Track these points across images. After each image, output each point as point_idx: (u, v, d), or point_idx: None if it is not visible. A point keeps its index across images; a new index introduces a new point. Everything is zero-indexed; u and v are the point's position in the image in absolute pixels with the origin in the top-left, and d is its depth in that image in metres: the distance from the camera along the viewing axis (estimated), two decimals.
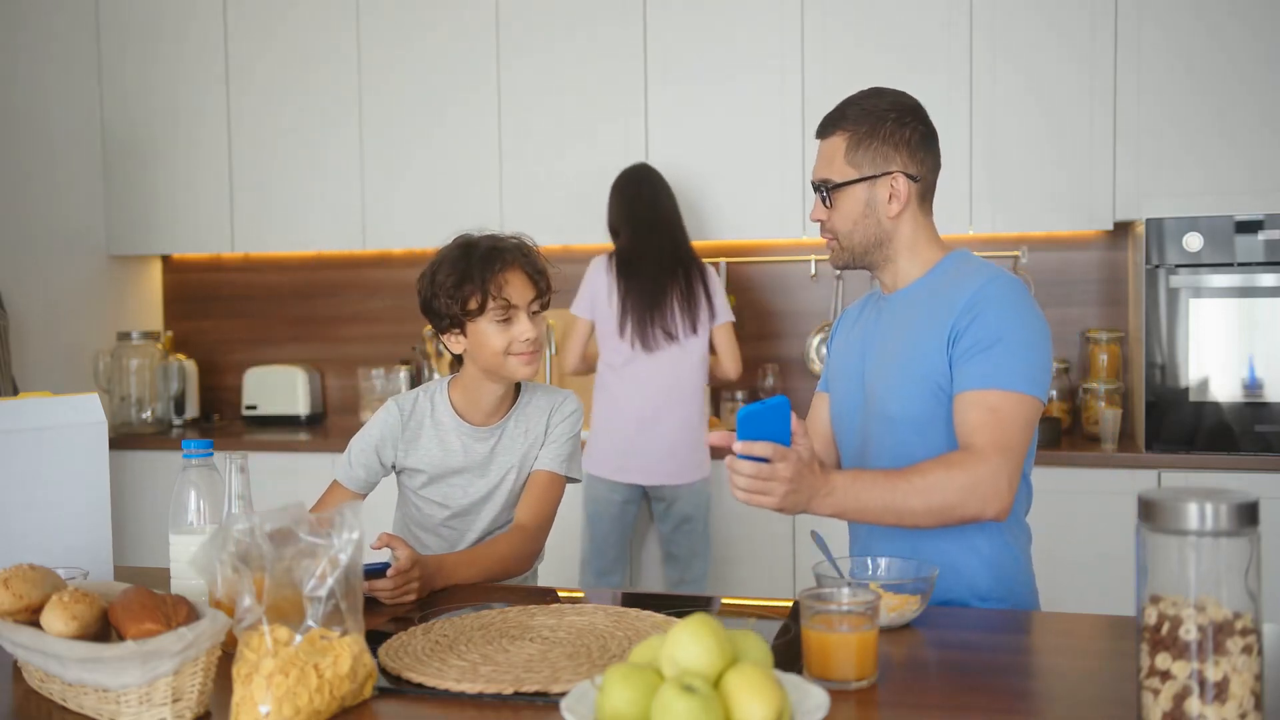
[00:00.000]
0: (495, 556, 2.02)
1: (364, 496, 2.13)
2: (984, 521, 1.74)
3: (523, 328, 2.01)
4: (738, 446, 1.58)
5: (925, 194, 1.88)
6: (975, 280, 1.80)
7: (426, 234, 3.87)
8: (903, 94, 1.90)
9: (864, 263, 1.90)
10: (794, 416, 1.62)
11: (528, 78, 4.04)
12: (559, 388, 2.20)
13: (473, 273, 1.99)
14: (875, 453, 1.88)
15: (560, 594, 1.92)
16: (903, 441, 1.83)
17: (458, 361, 2.13)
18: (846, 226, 1.87)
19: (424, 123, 4.15)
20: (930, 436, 1.81)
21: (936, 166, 1.90)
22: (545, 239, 3.97)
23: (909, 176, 1.84)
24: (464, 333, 2.04)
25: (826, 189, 1.87)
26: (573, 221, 3.99)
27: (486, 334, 2.01)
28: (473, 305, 2.00)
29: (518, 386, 2.16)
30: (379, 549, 1.85)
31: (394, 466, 2.14)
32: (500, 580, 2.03)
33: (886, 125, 1.84)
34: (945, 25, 3.66)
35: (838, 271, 4.12)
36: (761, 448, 1.57)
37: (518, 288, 2.02)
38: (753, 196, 3.85)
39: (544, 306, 2.07)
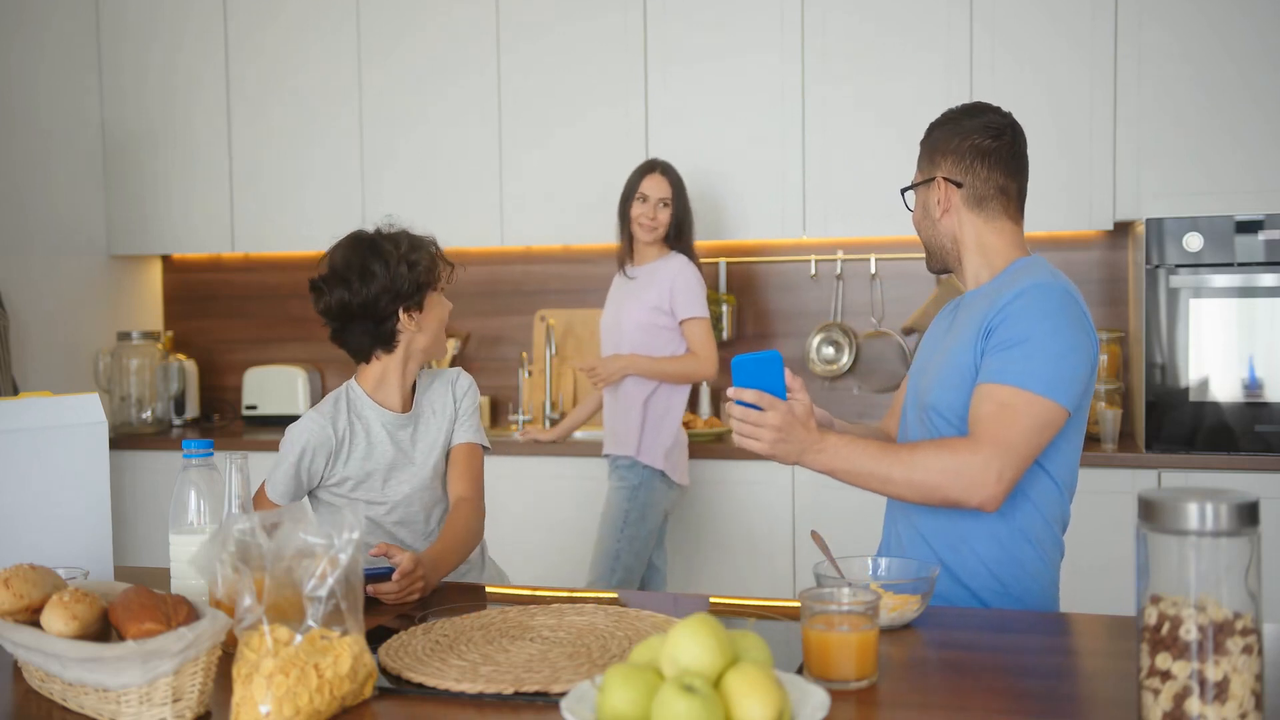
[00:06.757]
0: (462, 535, 2.09)
1: None
2: (971, 509, 1.76)
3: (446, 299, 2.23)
4: (731, 392, 1.71)
5: (979, 201, 1.92)
6: (1021, 284, 1.82)
7: (428, 233, 3.86)
8: (996, 113, 1.95)
9: (942, 262, 2.00)
10: (789, 373, 1.72)
11: (528, 76, 4.03)
12: (444, 368, 2.28)
13: (427, 247, 2.22)
14: (913, 440, 1.93)
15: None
16: (934, 429, 1.88)
17: (361, 361, 2.27)
18: (915, 225, 2.02)
19: (424, 122, 4.15)
20: (961, 429, 1.84)
21: (993, 178, 1.91)
22: (546, 239, 4.03)
23: (950, 182, 1.91)
24: (422, 309, 2.17)
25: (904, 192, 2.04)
26: (574, 221, 3.99)
27: (439, 304, 2.21)
28: (441, 273, 2.20)
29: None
30: (376, 556, 1.85)
31: (320, 479, 2.20)
32: (469, 554, 2.10)
33: (937, 134, 1.96)
34: (946, 25, 3.66)
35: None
36: (750, 394, 1.69)
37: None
38: (753, 196, 3.85)
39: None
